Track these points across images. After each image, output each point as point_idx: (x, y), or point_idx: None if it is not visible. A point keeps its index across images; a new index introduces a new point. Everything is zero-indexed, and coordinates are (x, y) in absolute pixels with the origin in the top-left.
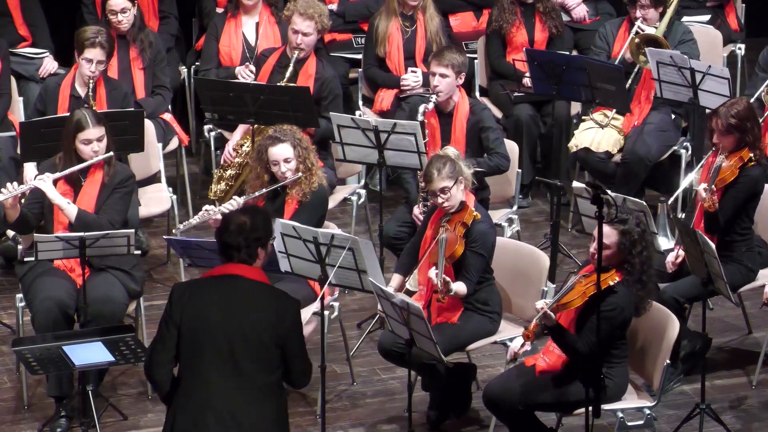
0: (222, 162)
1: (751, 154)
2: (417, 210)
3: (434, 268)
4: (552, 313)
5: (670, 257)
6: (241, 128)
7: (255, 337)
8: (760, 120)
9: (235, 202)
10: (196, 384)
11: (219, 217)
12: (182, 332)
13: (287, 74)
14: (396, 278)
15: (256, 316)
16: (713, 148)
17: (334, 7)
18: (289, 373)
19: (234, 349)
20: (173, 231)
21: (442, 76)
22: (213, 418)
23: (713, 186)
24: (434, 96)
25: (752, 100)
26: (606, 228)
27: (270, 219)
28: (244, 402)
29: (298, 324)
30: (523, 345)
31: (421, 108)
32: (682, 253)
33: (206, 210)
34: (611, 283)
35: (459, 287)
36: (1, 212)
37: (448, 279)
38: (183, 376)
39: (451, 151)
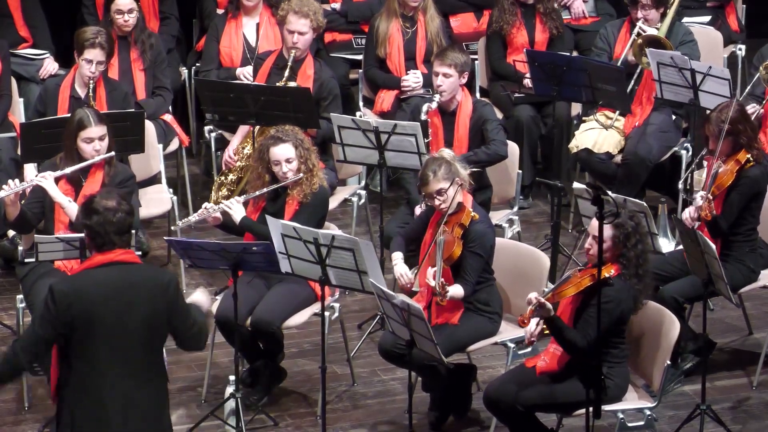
0: (223, 167)
1: (748, 155)
2: (418, 210)
3: (431, 269)
4: (549, 304)
5: (688, 212)
6: (240, 133)
7: (142, 318)
8: (759, 110)
9: (237, 202)
10: (92, 377)
11: (218, 215)
12: (72, 329)
13: (285, 75)
14: (398, 254)
15: (144, 298)
16: (710, 154)
17: (337, 6)
18: (183, 338)
19: (124, 336)
20: (173, 228)
21: (446, 75)
22: (113, 408)
23: (709, 195)
24: (437, 95)
25: (746, 94)
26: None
27: (126, 198)
28: (137, 386)
29: (180, 293)
30: (538, 324)
31: (425, 107)
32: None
33: (205, 207)
34: (607, 275)
35: (456, 291)
36: (1, 210)
37: (445, 283)
38: (75, 370)
39: (446, 153)
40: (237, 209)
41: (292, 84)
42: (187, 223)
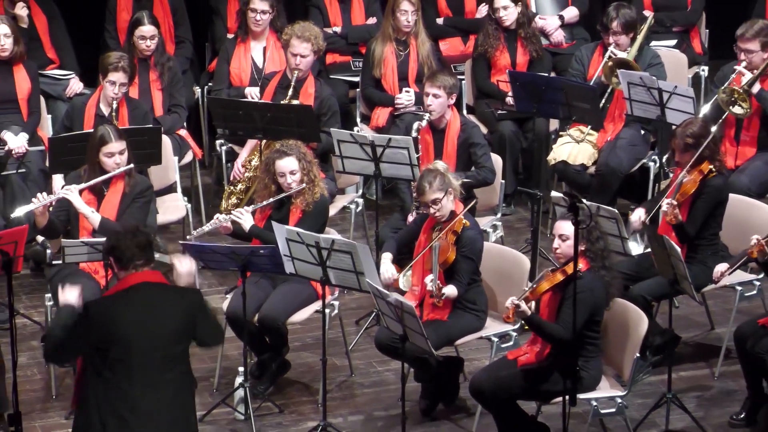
0: (232, 178)
1: (711, 166)
2: (411, 218)
3: (430, 275)
4: (524, 305)
5: (634, 217)
6: (249, 146)
7: (170, 335)
8: (716, 127)
9: (245, 212)
10: (125, 390)
11: (229, 224)
12: (107, 346)
13: (289, 94)
14: (387, 255)
15: (171, 318)
16: (675, 165)
17: (338, 29)
18: (202, 340)
19: (155, 352)
20: (188, 237)
21: (435, 96)
22: (144, 419)
23: (674, 201)
24: (428, 114)
25: (707, 111)
26: (564, 222)
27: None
28: (167, 398)
29: (205, 306)
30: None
31: (416, 125)
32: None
33: (217, 218)
34: (577, 269)
35: (450, 291)
36: (31, 219)
37: (441, 285)
38: (109, 383)
39: (440, 165)
40: (246, 218)
41: (295, 102)
42: (201, 233)
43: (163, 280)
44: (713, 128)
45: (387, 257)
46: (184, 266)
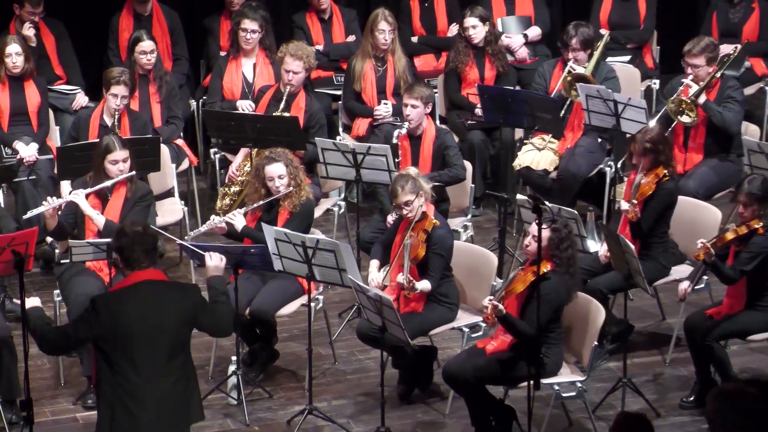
0: (226, 181)
1: (665, 171)
2: (390, 218)
3: (401, 273)
4: (500, 306)
5: (602, 251)
6: (242, 153)
7: (172, 328)
8: (667, 132)
9: (238, 214)
10: (130, 379)
11: (223, 225)
12: (112, 338)
13: (281, 106)
14: (374, 262)
15: (172, 312)
16: (633, 168)
17: (320, 47)
18: (212, 330)
19: (157, 344)
20: (185, 237)
21: (413, 106)
22: (148, 404)
23: (634, 200)
24: (406, 123)
25: (658, 120)
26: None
27: (149, 226)
28: (169, 385)
29: (203, 301)
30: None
31: (396, 132)
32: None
33: (212, 219)
34: (545, 270)
35: (423, 285)
36: (41, 222)
37: (411, 279)
38: (115, 372)
39: (412, 170)
40: (238, 220)
41: (286, 114)
42: (197, 234)
43: (164, 277)
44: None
45: (374, 264)
46: (213, 261)
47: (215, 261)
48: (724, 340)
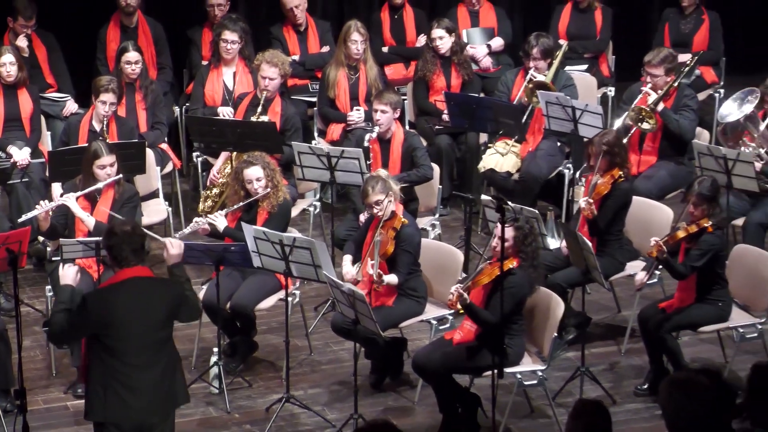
0: (208, 184)
1: (621, 172)
2: (362, 217)
3: (371, 263)
4: (465, 294)
5: (563, 245)
6: (222, 156)
7: (156, 321)
8: (625, 140)
9: (219, 215)
10: (119, 368)
11: (206, 226)
12: (102, 331)
13: (258, 111)
14: (347, 257)
15: (159, 306)
16: (590, 169)
17: (297, 57)
18: (184, 317)
19: (144, 335)
20: (175, 236)
21: (383, 112)
22: (137, 390)
23: (590, 199)
24: (377, 127)
25: (618, 125)
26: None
27: (138, 226)
28: (156, 373)
29: (184, 294)
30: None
31: (367, 136)
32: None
33: (196, 221)
34: (511, 266)
35: (391, 279)
36: (35, 223)
37: (381, 272)
38: (106, 362)
39: (382, 172)
40: (220, 221)
41: (264, 119)
42: (182, 234)
43: (150, 274)
44: (624, 141)
45: (347, 259)
46: (174, 249)
47: (176, 249)
48: (675, 331)
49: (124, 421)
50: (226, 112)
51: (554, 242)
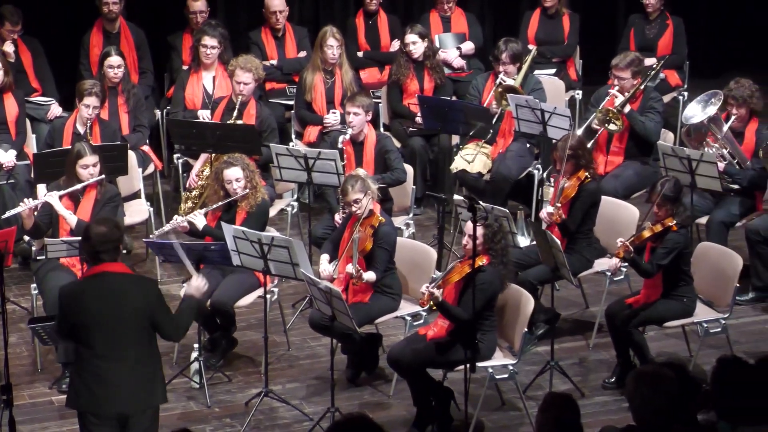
0: (188, 185)
1: (587, 173)
2: (338, 216)
3: (350, 263)
4: (437, 292)
5: (544, 215)
6: (202, 158)
7: (129, 316)
8: (590, 144)
9: (199, 214)
10: (92, 360)
11: (185, 224)
12: (77, 324)
13: (234, 114)
14: (325, 256)
15: (128, 300)
16: (556, 172)
17: (275, 62)
18: (163, 332)
19: (116, 329)
20: (150, 236)
21: (355, 114)
22: (109, 383)
23: (558, 204)
24: (350, 129)
25: (585, 127)
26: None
27: (117, 222)
28: (129, 368)
29: (160, 296)
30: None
31: (340, 138)
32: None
33: (175, 219)
34: (481, 264)
35: (369, 276)
36: (19, 221)
37: (359, 268)
38: (80, 354)
39: (361, 171)
40: (199, 219)
41: (239, 122)
42: (162, 232)
43: (126, 270)
44: (589, 144)
45: (324, 257)
46: (198, 282)
47: (200, 283)
48: (642, 326)
49: (96, 410)
50: (206, 115)
51: (524, 240)
